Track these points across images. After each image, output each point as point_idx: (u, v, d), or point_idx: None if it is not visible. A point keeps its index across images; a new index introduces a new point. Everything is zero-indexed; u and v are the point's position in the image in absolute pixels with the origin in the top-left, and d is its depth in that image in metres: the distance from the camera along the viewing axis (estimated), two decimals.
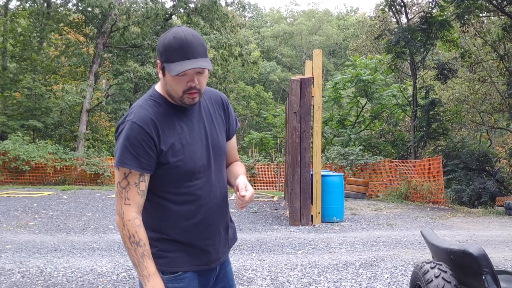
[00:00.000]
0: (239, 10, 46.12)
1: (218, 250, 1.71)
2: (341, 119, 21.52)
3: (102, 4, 17.72)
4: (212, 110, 1.74)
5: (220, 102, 1.79)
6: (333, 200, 8.41)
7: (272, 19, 52.04)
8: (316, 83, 8.24)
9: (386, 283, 4.46)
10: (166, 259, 1.61)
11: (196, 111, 1.68)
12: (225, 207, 1.73)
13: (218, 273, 1.76)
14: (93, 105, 20.44)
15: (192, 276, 1.65)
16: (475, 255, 2.59)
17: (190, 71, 1.54)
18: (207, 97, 1.76)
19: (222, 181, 1.72)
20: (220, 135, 1.72)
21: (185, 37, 1.52)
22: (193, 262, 1.64)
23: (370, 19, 25.81)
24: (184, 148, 1.59)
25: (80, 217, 8.52)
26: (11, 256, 5.31)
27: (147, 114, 1.56)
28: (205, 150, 1.65)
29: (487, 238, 7.12)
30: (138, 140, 1.52)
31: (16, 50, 20.61)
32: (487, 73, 18.16)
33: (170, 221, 1.62)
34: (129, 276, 4.59)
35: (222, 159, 1.74)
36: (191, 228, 1.62)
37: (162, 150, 1.55)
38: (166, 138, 1.57)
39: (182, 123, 1.62)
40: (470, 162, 14.27)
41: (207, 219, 1.65)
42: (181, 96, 1.58)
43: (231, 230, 1.81)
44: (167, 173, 1.58)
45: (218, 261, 1.72)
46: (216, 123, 1.73)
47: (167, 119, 1.59)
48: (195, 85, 1.56)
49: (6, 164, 14.70)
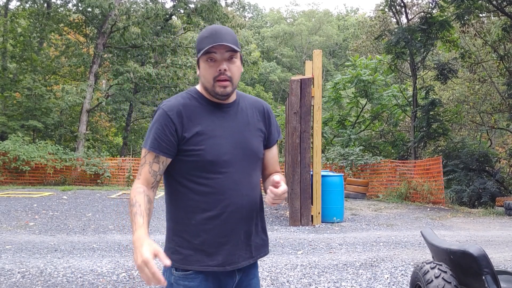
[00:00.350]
0: (239, 11, 46.16)
1: (235, 253, 1.65)
2: (341, 119, 21.52)
3: (102, 5, 17.71)
4: (251, 115, 1.75)
5: (261, 110, 1.80)
6: (333, 201, 8.41)
7: (272, 19, 52.08)
8: (316, 83, 8.23)
9: (386, 284, 4.46)
10: (180, 255, 1.63)
11: (233, 111, 1.71)
12: (250, 212, 1.68)
13: (239, 283, 1.71)
14: (93, 106, 20.44)
15: (205, 279, 1.63)
16: (475, 256, 2.59)
17: (219, 57, 1.60)
18: (249, 103, 1.78)
19: (251, 184, 1.69)
20: (253, 139, 1.72)
21: (215, 27, 1.64)
22: (206, 262, 1.61)
23: (370, 20, 25.83)
24: (209, 140, 1.62)
25: (80, 217, 8.52)
26: (11, 257, 5.31)
27: (176, 103, 1.65)
28: (232, 148, 1.65)
29: (487, 238, 7.12)
30: (161, 125, 1.61)
31: (16, 51, 20.61)
32: (487, 73, 18.15)
33: (188, 211, 1.63)
34: (129, 276, 4.59)
35: (253, 162, 1.71)
36: (206, 221, 1.61)
37: (185, 137, 1.61)
38: (191, 126, 1.62)
39: (213, 117, 1.66)
40: (470, 162, 14.26)
41: (224, 216, 1.62)
42: (212, 85, 1.62)
43: (258, 240, 1.74)
44: (189, 161, 1.62)
45: (235, 265, 1.65)
46: (252, 127, 1.73)
47: (196, 110, 1.65)
48: (224, 68, 1.60)
49: (6, 164, 14.70)
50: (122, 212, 9.22)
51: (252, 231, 1.71)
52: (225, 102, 1.70)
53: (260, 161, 1.75)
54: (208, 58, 1.60)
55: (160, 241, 6.47)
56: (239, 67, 1.66)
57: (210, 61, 1.61)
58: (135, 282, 4.42)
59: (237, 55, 1.64)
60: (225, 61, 1.61)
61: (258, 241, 1.74)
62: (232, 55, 1.62)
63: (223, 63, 1.61)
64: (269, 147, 1.81)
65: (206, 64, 1.61)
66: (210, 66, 1.61)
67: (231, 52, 1.61)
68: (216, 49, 1.59)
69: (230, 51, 1.61)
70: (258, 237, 1.75)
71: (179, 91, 19.58)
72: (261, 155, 1.74)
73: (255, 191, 1.70)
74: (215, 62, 1.61)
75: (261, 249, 1.76)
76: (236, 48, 1.60)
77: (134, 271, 4.75)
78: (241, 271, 1.70)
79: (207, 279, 1.63)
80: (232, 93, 1.68)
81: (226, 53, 1.60)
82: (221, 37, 1.59)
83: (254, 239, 1.72)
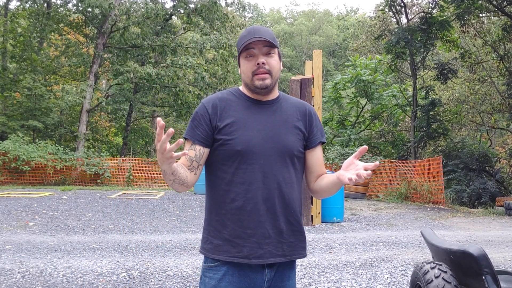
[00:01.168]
0: (239, 11, 46.14)
1: (262, 247, 1.63)
2: (341, 119, 21.52)
3: (102, 5, 17.71)
4: (290, 114, 1.76)
5: (303, 110, 1.81)
6: (333, 201, 8.41)
7: (272, 19, 52.08)
8: (316, 83, 8.24)
9: (386, 284, 4.46)
10: (211, 245, 1.67)
11: (271, 108, 1.74)
12: (280, 207, 1.66)
13: (272, 283, 1.68)
14: (93, 106, 20.44)
15: (230, 272, 1.64)
16: (475, 255, 2.59)
17: (257, 51, 1.66)
18: (291, 103, 1.81)
19: (283, 180, 1.67)
20: (289, 135, 1.71)
21: (253, 26, 1.70)
22: (233, 253, 1.63)
23: (370, 20, 25.83)
24: (239, 130, 1.66)
25: (80, 217, 8.52)
26: (11, 257, 5.31)
27: (214, 97, 1.74)
28: (264, 141, 1.67)
29: (487, 238, 7.12)
30: (198, 115, 1.70)
31: (16, 50, 20.60)
32: (487, 73, 18.15)
33: (219, 201, 1.67)
34: (129, 276, 4.59)
35: (287, 158, 1.69)
36: (234, 211, 1.64)
37: (218, 126, 1.67)
38: (225, 117, 1.68)
39: (248, 111, 1.71)
40: (470, 162, 14.26)
41: (251, 207, 1.63)
42: (251, 79, 1.68)
43: (293, 239, 1.70)
44: (220, 150, 1.67)
45: (262, 260, 1.63)
46: (289, 124, 1.74)
47: (232, 104, 1.71)
48: (262, 62, 1.65)
49: (6, 164, 14.70)
50: (122, 212, 9.23)
51: (283, 228, 1.67)
52: (264, 99, 1.73)
53: (296, 158, 1.73)
54: (247, 54, 1.67)
55: (160, 240, 6.47)
56: (277, 62, 1.70)
57: (249, 56, 1.67)
58: (135, 282, 4.42)
59: (275, 51, 1.69)
60: (263, 56, 1.67)
61: (293, 240, 1.70)
62: (270, 50, 1.67)
63: (261, 57, 1.66)
64: (311, 147, 1.78)
65: (245, 60, 1.68)
66: (249, 61, 1.67)
67: (269, 47, 1.66)
68: (254, 44, 1.65)
69: (268, 46, 1.66)
70: (293, 236, 1.70)
71: (179, 91, 19.61)
72: (296, 152, 1.72)
73: (288, 187, 1.68)
74: (254, 57, 1.67)
75: (296, 249, 1.71)
76: (274, 42, 1.66)
77: (134, 271, 4.75)
78: (273, 269, 1.68)
79: (233, 273, 1.64)
80: (271, 87, 1.71)
81: (264, 48, 1.66)
82: (258, 33, 1.65)
83: (287, 237, 1.68)
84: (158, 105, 23.62)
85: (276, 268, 1.69)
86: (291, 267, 1.75)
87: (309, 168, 1.80)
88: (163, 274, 4.67)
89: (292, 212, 1.70)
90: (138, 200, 10.93)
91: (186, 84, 20.05)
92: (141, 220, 8.39)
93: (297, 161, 1.74)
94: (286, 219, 1.68)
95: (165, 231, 7.33)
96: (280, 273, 1.70)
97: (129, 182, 16.03)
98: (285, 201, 1.67)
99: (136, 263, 5.06)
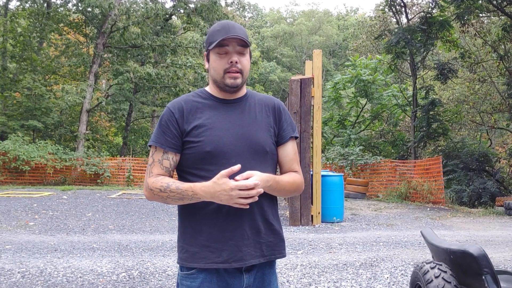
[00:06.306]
0: (239, 10, 46.15)
1: (241, 249, 1.59)
2: (341, 119, 21.53)
3: (102, 4, 17.71)
4: (259, 110, 1.73)
5: (272, 106, 1.76)
6: (333, 200, 8.42)
7: (272, 19, 52.07)
8: (316, 83, 8.24)
9: (386, 283, 4.46)
10: (187, 253, 1.62)
11: (239, 106, 1.71)
12: (256, 206, 1.61)
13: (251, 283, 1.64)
14: (93, 105, 20.44)
15: (208, 279, 1.60)
16: (475, 255, 2.59)
17: (230, 49, 1.63)
18: (258, 100, 1.77)
19: None
20: (260, 132, 1.68)
21: (227, 21, 1.68)
22: (212, 259, 1.58)
23: (370, 19, 25.83)
24: (208, 131, 1.62)
25: (80, 217, 8.52)
26: (11, 256, 5.31)
27: (179, 100, 1.70)
28: (235, 140, 1.62)
29: (487, 238, 7.12)
30: (165, 120, 1.66)
31: (16, 50, 20.60)
32: (487, 73, 18.15)
33: (192, 205, 1.61)
34: (129, 276, 4.59)
35: (260, 156, 1.65)
36: (210, 215, 1.59)
37: (185, 129, 1.64)
38: (192, 120, 1.65)
39: (216, 111, 1.67)
40: (470, 162, 14.26)
41: (226, 209, 1.57)
42: (222, 77, 1.64)
43: (271, 239, 1.67)
44: (190, 153, 1.63)
45: (241, 262, 1.59)
46: (260, 122, 1.70)
47: (199, 105, 1.68)
48: (235, 60, 1.62)
49: (6, 164, 14.70)
50: (122, 212, 9.23)
51: (261, 227, 1.64)
52: (231, 98, 1.70)
53: (269, 155, 1.68)
54: (220, 51, 1.63)
55: (159, 240, 6.47)
56: (248, 61, 1.68)
57: (222, 53, 1.63)
58: (135, 282, 4.42)
59: (247, 50, 1.66)
60: (236, 54, 1.63)
61: (272, 240, 1.67)
62: (243, 50, 1.65)
63: (234, 55, 1.63)
64: (282, 143, 1.74)
65: (217, 56, 1.64)
66: (221, 58, 1.63)
67: (243, 46, 1.63)
68: (228, 41, 1.61)
69: (242, 46, 1.63)
70: (272, 235, 1.67)
71: (179, 91, 19.62)
72: (269, 149, 1.68)
73: None
74: (227, 54, 1.63)
75: (274, 248, 1.68)
76: (248, 42, 1.63)
77: (134, 270, 4.75)
78: (251, 274, 1.64)
79: (211, 279, 1.60)
80: (241, 86, 1.68)
81: (238, 46, 1.63)
82: (233, 30, 1.62)
83: (265, 237, 1.65)
84: (158, 105, 23.64)
85: (255, 272, 1.65)
86: (271, 269, 1.70)
87: (280, 164, 1.76)
88: (163, 274, 4.67)
89: (268, 210, 1.67)
90: (138, 200, 10.93)
91: (186, 84, 20.06)
92: (141, 220, 8.39)
93: (270, 158, 1.69)
94: (263, 218, 1.65)
95: (165, 231, 7.33)
96: (260, 278, 1.66)
97: (129, 182, 16.03)
98: (261, 200, 1.59)
99: (136, 263, 5.06)
